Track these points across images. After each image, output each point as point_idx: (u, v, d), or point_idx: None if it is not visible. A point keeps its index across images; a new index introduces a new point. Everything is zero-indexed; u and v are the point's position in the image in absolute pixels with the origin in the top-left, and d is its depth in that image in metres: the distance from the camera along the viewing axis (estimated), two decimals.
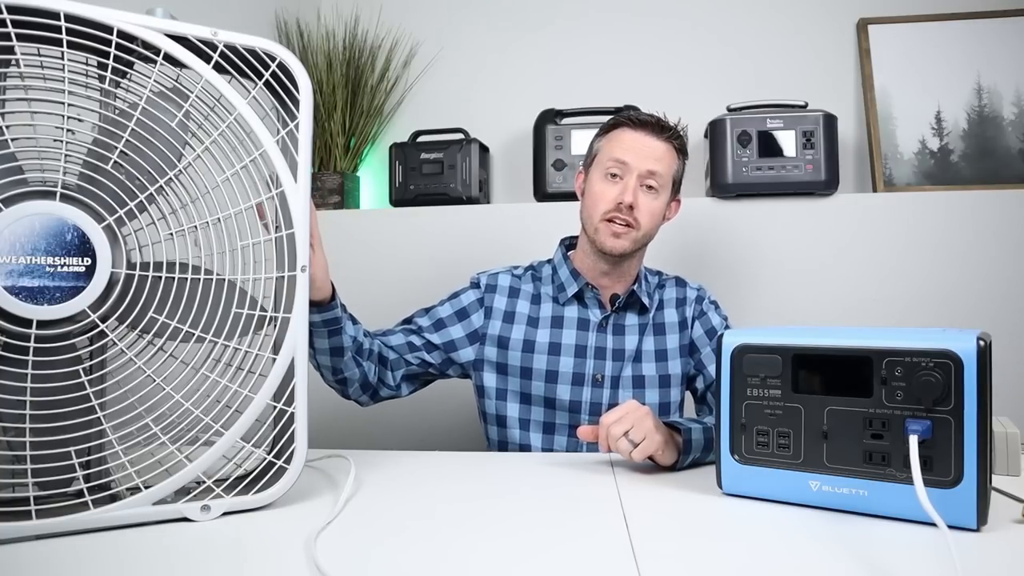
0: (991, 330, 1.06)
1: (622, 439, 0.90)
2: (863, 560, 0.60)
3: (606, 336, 1.21)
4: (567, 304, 1.22)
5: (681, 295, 1.26)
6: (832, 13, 1.84)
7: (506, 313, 1.22)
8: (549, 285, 1.25)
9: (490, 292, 1.24)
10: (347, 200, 1.85)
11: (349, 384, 1.12)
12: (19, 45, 0.67)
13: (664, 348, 1.22)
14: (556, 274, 1.25)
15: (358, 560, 0.62)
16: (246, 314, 0.76)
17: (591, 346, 1.20)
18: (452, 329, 1.21)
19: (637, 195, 1.14)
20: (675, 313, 1.25)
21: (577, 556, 0.62)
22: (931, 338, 0.69)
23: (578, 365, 1.19)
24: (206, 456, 0.73)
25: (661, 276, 1.30)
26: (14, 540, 0.66)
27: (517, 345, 1.20)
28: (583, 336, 1.20)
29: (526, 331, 1.21)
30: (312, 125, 0.81)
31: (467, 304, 1.23)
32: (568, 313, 1.22)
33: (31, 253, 0.67)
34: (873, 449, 0.71)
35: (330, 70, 1.87)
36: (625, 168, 1.15)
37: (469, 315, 1.22)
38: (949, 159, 1.69)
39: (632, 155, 1.15)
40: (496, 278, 1.26)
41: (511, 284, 1.25)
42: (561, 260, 1.25)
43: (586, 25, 1.94)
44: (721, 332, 0.82)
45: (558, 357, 1.19)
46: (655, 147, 1.15)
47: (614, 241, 1.15)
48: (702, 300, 1.26)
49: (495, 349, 1.21)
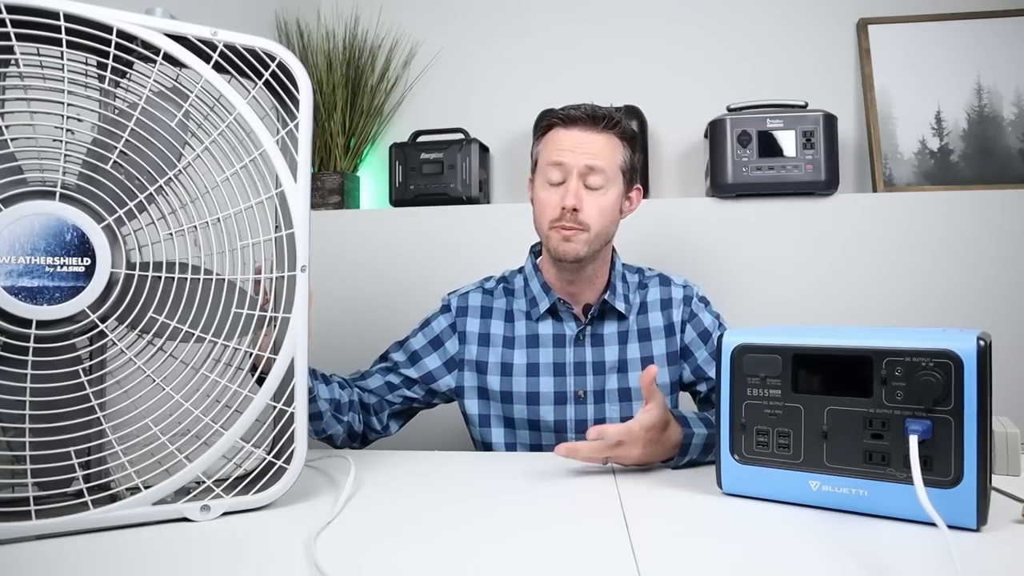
0: (991, 330, 1.06)
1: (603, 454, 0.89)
2: (863, 560, 0.60)
3: (584, 350, 1.16)
4: (540, 320, 1.17)
5: (666, 295, 1.19)
6: (832, 13, 1.84)
7: (480, 336, 1.18)
8: (522, 299, 1.19)
9: (461, 316, 1.19)
10: (347, 200, 1.85)
11: (335, 439, 1.10)
12: (19, 45, 0.67)
13: (650, 355, 1.16)
14: (528, 287, 1.19)
15: (358, 560, 0.62)
16: (246, 314, 0.76)
17: (569, 362, 1.15)
18: (428, 360, 1.17)
19: (581, 196, 1.08)
20: (660, 317, 1.18)
21: (577, 556, 0.62)
22: (931, 338, 0.69)
23: (558, 384, 1.15)
24: (206, 456, 0.73)
25: (643, 274, 1.23)
26: (14, 540, 0.66)
27: (495, 369, 1.16)
28: (560, 353, 1.16)
29: (503, 353, 1.17)
30: (312, 125, 0.80)
31: (440, 332, 1.19)
32: (543, 330, 1.17)
33: (31, 253, 0.67)
34: (873, 449, 0.71)
35: (330, 70, 1.87)
36: (564, 169, 1.09)
37: (443, 343, 1.18)
38: (949, 159, 1.69)
39: (568, 155, 1.09)
40: (467, 299, 1.21)
41: (482, 303, 1.20)
42: (532, 272, 1.19)
43: (586, 25, 1.94)
44: (721, 332, 0.82)
45: (537, 378, 1.15)
46: (591, 141, 1.09)
47: (566, 246, 1.09)
48: (690, 300, 1.19)
49: (474, 374, 1.17)
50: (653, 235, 1.66)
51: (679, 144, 1.88)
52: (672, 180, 1.89)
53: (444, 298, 1.23)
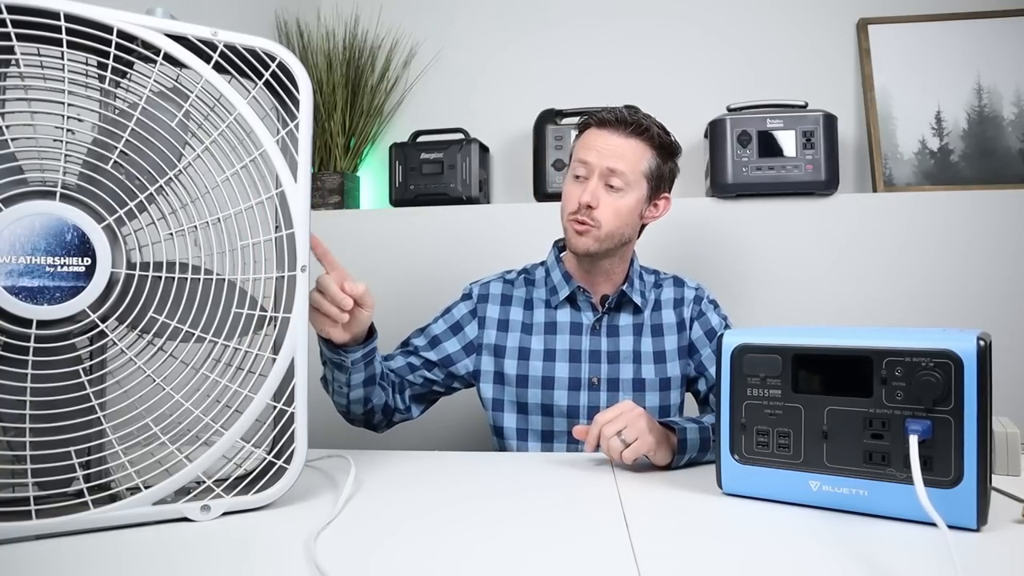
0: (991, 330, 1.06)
1: (614, 438, 0.90)
2: (863, 560, 0.60)
3: (600, 339, 1.20)
4: (559, 308, 1.22)
5: (679, 295, 1.25)
6: (832, 13, 1.84)
7: (499, 322, 1.22)
8: (542, 288, 1.24)
9: (482, 302, 1.24)
10: (347, 200, 1.85)
11: (375, 412, 1.12)
12: (19, 45, 0.67)
13: (663, 350, 1.21)
14: (549, 276, 1.24)
15: (358, 560, 0.62)
16: (246, 314, 0.76)
17: (585, 350, 1.20)
18: (447, 344, 1.21)
19: (598, 194, 1.13)
20: (673, 314, 1.23)
21: (577, 556, 0.62)
22: (931, 338, 0.69)
23: (573, 370, 1.19)
24: (206, 456, 0.73)
25: (659, 275, 1.29)
26: (14, 540, 0.66)
27: (513, 353, 1.20)
28: (576, 340, 1.20)
29: (521, 338, 1.21)
30: (312, 125, 0.81)
31: (460, 317, 1.23)
32: (560, 318, 1.22)
33: (31, 253, 0.67)
34: (873, 449, 0.71)
35: (330, 70, 1.87)
36: (588, 167, 1.15)
37: (463, 327, 1.22)
38: (949, 159, 1.69)
39: (593, 154, 1.14)
40: (488, 287, 1.25)
41: (503, 292, 1.25)
42: (554, 263, 1.24)
43: (586, 25, 1.94)
44: (721, 332, 0.82)
45: (553, 363, 1.19)
46: (615, 144, 1.14)
47: (578, 240, 1.15)
48: (700, 300, 1.24)
49: (492, 358, 1.21)
50: (653, 235, 1.64)
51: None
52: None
53: (466, 287, 1.28)
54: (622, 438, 0.90)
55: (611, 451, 0.91)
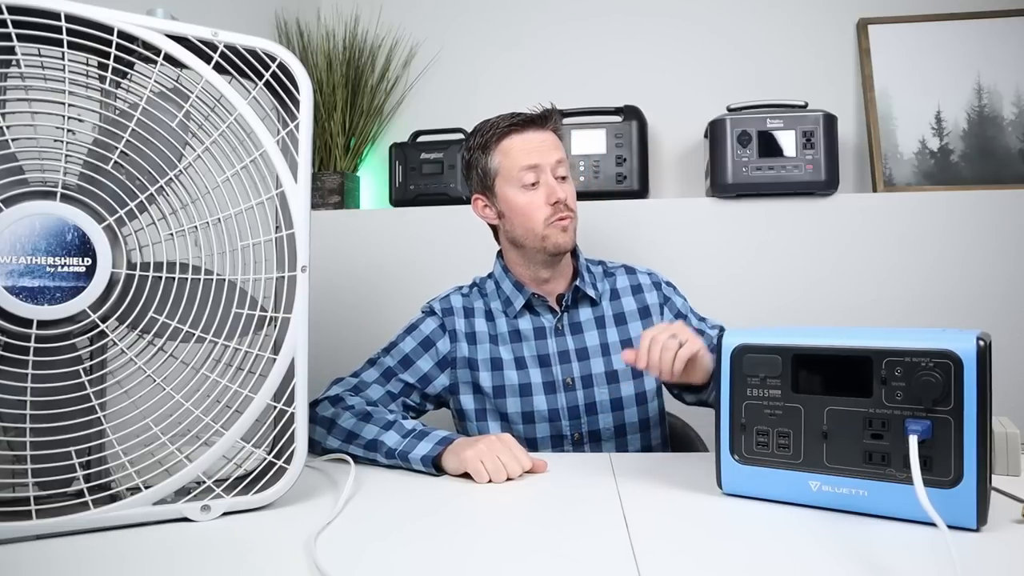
0: (991, 330, 1.06)
1: (670, 339, 0.94)
2: (863, 560, 0.60)
3: (565, 339, 1.20)
4: (519, 316, 1.21)
5: (635, 282, 1.26)
6: (832, 13, 1.84)
7: (467, 335, 1.21)
8: (496, 300, 1.23)
9: (448, 316, 1.21)
10: (347, 200, 1.85)
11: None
12: (19, 45, 0.67)
13: (628, 338, 1.21)
14: (500, 288, 1.23)
15: (358, 560, 0.62)
16: (246, 314, 0.76)
17: (553, 352, 1.19)
18: (421, 362, 1.18)
19: (563, 188, 1.16)
20: (633, 301, 1.24)
21: (577, 556, 0.62)
22: (931, 338, 0.69)
23: (546, 374, 1.18)
24: (206, 456, 0.73)
25: (606, 265, 1.29)
26: (14, 540, 0.66)
27: (486, 365, 1.19)
28: (542, 344, 1.20)
29: (490, 349, 1.20)
30: (312, 125, 0.81)
31: (429, 333, 1.20)
32: (523, 325, 1.21)
33: (31, 253, 0.67)
34: (873, 449, 0.71)
35: (330, 70, 1.87)
36: (538, 170, 1.16)
37: (434, 343, 1.19)
38: (949, 159, 1.69)
39: (537, 155, 1.16)
40: (448, 300, 1.24)
41: (464, 304, 1.23)
42: (502, 273, 1.23)
43: (586, 25, 1.94)
44: (721, 332, 0.82)
45: (526, 370, 1.18)
46: (543, 139, 1.18)
47: (565, 236, 1.16)
48: (660, 285, 1.26)
49: (467, 371, 1.19)
50: (653, 235, 1.66)
51: (679, 144, 1.88)
52: (672, 180, 1.89)
53: (424, 305, 1.26)
54: (678, 340, 0.94)
55: (666, 351, 0.94)
